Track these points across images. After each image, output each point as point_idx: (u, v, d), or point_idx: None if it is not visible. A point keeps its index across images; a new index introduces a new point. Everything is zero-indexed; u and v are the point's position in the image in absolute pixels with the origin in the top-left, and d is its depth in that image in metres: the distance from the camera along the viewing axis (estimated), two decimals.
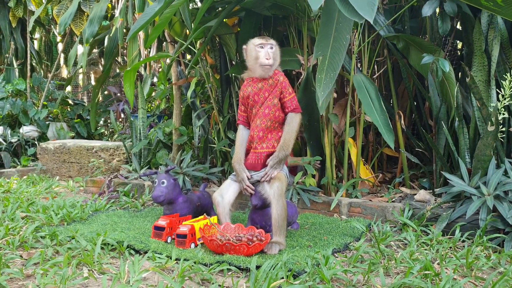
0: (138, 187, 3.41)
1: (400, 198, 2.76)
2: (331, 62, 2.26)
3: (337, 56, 2.26)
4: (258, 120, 2.20)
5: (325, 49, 2.28)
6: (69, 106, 6.24)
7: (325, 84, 2.20)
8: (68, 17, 4.26)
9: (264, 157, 2.17)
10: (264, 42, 2.19)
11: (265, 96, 2.19)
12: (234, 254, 1.84)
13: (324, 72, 2.23)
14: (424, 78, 2.95)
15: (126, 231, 2.18)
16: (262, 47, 2.18)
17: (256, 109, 2.21)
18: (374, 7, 1.93)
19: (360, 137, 2.90)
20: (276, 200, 2.04)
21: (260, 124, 2.19)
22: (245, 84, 2.28)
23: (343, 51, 2.28)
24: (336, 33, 2.31)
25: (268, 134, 2.19)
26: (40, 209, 2.62)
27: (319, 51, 2.29)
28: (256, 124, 2.20)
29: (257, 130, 2.19)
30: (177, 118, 3.81)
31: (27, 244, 1.95)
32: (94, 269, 1.66)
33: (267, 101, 2.18)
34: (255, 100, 2.21)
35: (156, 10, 2.51)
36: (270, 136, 2.19)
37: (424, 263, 1.64)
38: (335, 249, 1.99)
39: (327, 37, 2.30)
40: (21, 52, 6.36)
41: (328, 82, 2.21)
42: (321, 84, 2.21)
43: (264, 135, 2.19)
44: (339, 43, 2.28)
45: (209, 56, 3.60)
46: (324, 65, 2.26)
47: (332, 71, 2.24)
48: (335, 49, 2.27)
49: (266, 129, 2.19)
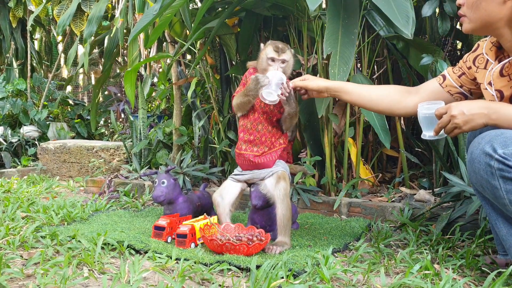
0: (138, 187, 3.41)
1: (399, 198, 2.77)
2: (342, 56, 2.25)
3: (347, 51, 2.26)
4: (260, 125, 2.14)
5: (334, 45, 2.28)
6: (70, 106, 6.25)
7: (339, 79, 2.20)
8: (67, 17, 4.27)
9: (264, 156, 2.15)
10: (276, 57, 2.07)
11: None
12: (234, 254, 1.85)
13: (337, 66, 2.23)
14: (424, 78, 2.95)
15: (126, 231, 2.18)
16: (273, 60, 2.09)
17: (258, 113, 2.15)
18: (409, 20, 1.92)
19: (360, 137, 2.90)
20: (281, 200, 2.04)
21: (262, 129, 2.14)
22: (251, 72, 2.19)
23: (353, 45, 2.28)
24: (343, 29, 2.31)
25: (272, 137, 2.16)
26: (40, 209, 2.63)
27: (328, 47, 2.28)
28: (257, 129, 2.14)
29: (259, 135, 2.14)
30: (177, 118, 3.81)
31: (27, 244, 1.95)
32: (94, 269, 1.67)
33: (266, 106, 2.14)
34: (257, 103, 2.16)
35: (156, 12, 2.51)
36: (273, 139, 2.15)
37: (424, 263, 1.64)
38: (335, 249, 1.99)
39: (335, 33, 2.29)
40: (21, 52, 6.36)
41: (343, 76, 2.21)
42: (336, 78, 2.20)
43: (266, 139, 2.14)
44: (347, 38, 2.28)
45: (209, 56, 3.61)
46: (336, 60, 2.25)
47: (344, 64, 2.23)
48: (345, 44, 2.27)
49: (268, 134, 2.14)
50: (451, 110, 1.47)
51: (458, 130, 1.48)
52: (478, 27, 1.53)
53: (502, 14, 1.46)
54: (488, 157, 1.35)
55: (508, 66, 1.56)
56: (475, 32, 1.56)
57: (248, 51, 3.19)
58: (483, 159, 1.37)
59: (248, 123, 2.16)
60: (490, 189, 1.39)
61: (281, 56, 2.08)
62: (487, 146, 1.36)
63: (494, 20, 1.48)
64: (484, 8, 1.48)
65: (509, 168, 1.32)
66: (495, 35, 1.55)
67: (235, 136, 3.39)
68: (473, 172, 1.43)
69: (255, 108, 2.15)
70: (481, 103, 1.46)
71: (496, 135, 1.37)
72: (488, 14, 1.48)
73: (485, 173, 1.38)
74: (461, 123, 1.46)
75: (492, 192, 1.39)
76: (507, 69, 1.56)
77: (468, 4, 1.53)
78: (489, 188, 1.39)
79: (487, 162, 1.36)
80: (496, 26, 1.50)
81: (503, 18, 1.47)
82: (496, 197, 1.39)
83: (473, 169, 1.42)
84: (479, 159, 1.38)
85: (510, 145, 1.33)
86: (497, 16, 1.47)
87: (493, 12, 1.47)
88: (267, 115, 2.14)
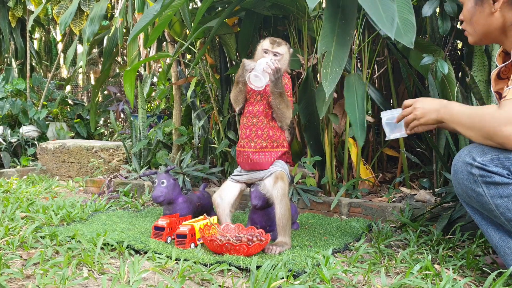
0: (138, 187, 3.41)
1: (400, 198, 2.76)
2: (336, 57, 2.24)
3: (341, 52, 2.25)
4: (254, 118, 2.14)
5: (329, 45, 2.28)
6: (69, 106, 6.24)
7: (331, 79, 2.19)
8: (68, 16, 4.26)
9: (263, 154, 2.14)
10: (269, 49, 2.12)
11: None
12: (234, 254, 1.84)
13: (330, 67, 2.22)
14: (424, 78, 2.94)
15: (126, 231, 2.18)
16: (266, 52, 2.12)
17: (253, 105, 2.16)
18: (394, 23, 1.93)
19: None
20: (280, 200, 2.03)
21: (257, 122, 2.14)
22: None
23: (348, 46, 2.28)
24: (340, 29, 2.30)
25: (270, 132, 2.14)
26: (40, 209, 2.62)
27: (323, 47, 2.28)
28: (252, 123, 2.15)
29: (254, 129, 2.14)
30: (177, 118, 3.81)
31: (26, 244, 1.94)
32: (94, 269, 1.66)
33: (263, 99, 2.15)
34: (252, 96, 2.17)
35: (156, 11, 2.50)
36: (271, 133, 2.14)
37: (425, 263, 1.64)
38: (335, 249, 1.99)
39: (331, 34, 2.29)
40: (21, 52, 6.34)
41: (334, 76, 2.20)
42: (327, 79, 2.20)
43: (263, 133, 2.14)
44: (343, 39, 2.28)
45: (209, 56, 3.60)
46: (329, 60, 2.25)
47: (337, 65, 2.23)
48: (339, 44, 2.26)
49: (264, 127, 2.14)
50: (416, 103, 1.59)
51: (416, 122, 1.62)
52: (479, 38, 1.63)
53: (494, 24, 1.55)
54: (469, 166, 1.43)
55: (505, 69, 1.61)
56: (479, 43, 1.66)
57: (248, 50, 3.18)
58: (465, 168, 1.44)
59: (244, 118, 2.18)
60: (475, 197, 1.45)
61: (275, 48, 2.12)
62: (467, 157, 1.44)
63: (489, 30, 1.57)
64: (477, 22, 1.59)
65: (490, 173, 1.39)
66: (497, 42, 1.62)
67: (235, 136, 3.38)
68: (457, 184, 1.49)
69: (250, 102, 2.16)
70: (441, 101, 1.57)
71: (475, 146, 1.45)
72: (482, 26, 1.58)
73: (468, 182, 1.45)
74: (419, 115, 1.60)
75: (478, 199, 1.45)
76: (505, 72, 1.61)
77: (466, 20, 1.64)
78: (475, 196, 1.45)
79: (468, 170, 1.43)
80: (494, 35, 1.59)
81: (496, 28, 1.56)
82: (483, 203, 1.44)
83: (457, 180, 1.48)
84: (461, 170, 1.46)
85: (488, 153, 1.41)
86: (491, 27, 1.57)
87: (486, 24, 1.57)
88: (263, 107, 2.14)
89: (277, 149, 2.16)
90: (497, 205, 1.42)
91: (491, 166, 1.40)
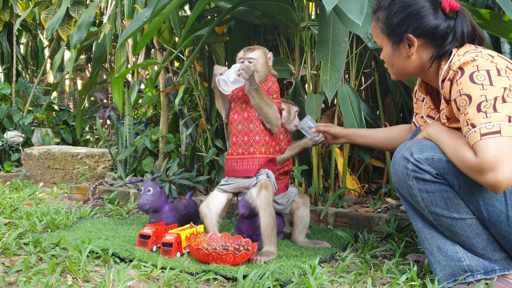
0: (123, 195, 3.38)
1: (385, 208, 2.78)
2: (334, 64, 2.33)
3: (338, 58, 2.34)
4: (239, 125, 2.15)
5: (325, 52, 2.35)
6: (55, 112, 6.18)
7: (331, 85, 2.27)
8: (56, 21, 4.24)
9: (251, 162, 2.14)
10: (242, 56, 2.16)
11: None
12: (220, 263, 1.83)
13: (329, 73, 2.29)
14: (410, 90, 2.98)
15: (111, 239, 2.16)
16: (243, 61, 2.15)
17: (238, 113, 2.17)
18: (363, 11, 1.98)
19: (347, 148, 2.91)
20: (264, 209, 2.03)
21: (243, 128, 2.15)
22: None
23: (344, 53, 2.37)
24: (334, 37, 2.39)
25: (256, 136, 2.14)
26: (23, 216, 2.58)
27: (320, 55, 2.34)
28: (238, 129, 2.16)
29: (241, 135, 2.15)
30: (164, 125, 3.80)
31: (9, 251, 1.91)
32: (78, 277, 1.64)
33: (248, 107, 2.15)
34: (238, 104, 2.18)
35: (146, 18, 2.51)
36: (258, 138, 2.14)
37: (410, 274, 1.65)
38: (322, 259, 1.99)
39: (326, 41, 2.37)
40: (7, 57, 6.29)
41: (334, 82, 2.28)
42: (328, 85, 2.28)
43: (249, 138, 2.14)
44: (338, 46, 2.37)
45: (197, 64, 3.60)
46: (327, 67, 2.32)
47: (336, 72, 2.31)
48: (336, 51, 2.35)
49: (250, 132, 2.14)
50: (426, 129, 1.67)
51: None
52: (401, 76, 1.78)
53: (412, 65, 1.70)
54: (405, 161, 1.56)
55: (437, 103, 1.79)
56: (401, 79, 1.82)
57: None
58: (402, 162, 1.58)
59: (231, 126, 2.20)
60: (406, 188, 1.60)
61: (247, 55, 2.16)
62: (406, 152, 1.57)
63: (409, 70, 1.73)
64: (397, 64, 1.74)
65: (421, 171, 1.53)
66: (417, 76, 1.79)
67: (223, 144, 3.38)
68: (394, 174, 1.63)
69: (235, 110, 2.18)
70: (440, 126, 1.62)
71: (416, 143, 1.59)
72: (401, 67, 1.73)
73: (402, 174, 1.58)
74: None
75: (408, 190, 1.59)
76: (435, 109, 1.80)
77: (386, 63, 1.79)
78: (406, 187, 1.60)
79: (404, 164, 1.57)
80: (414, 73, 1.74)
81: (414, 68, 1.71)
82: (411, 195, 1.59)
83: (394, 171, 1.62)
84: (398, 162, 1.59)
85: (425, 151, 1.54)
86: (410, 67, 1.71)
87: (405, 66, 1.72)
88: (248, 114, 2.15)
89: (265, 154, 2.15)
90: (423, 198, 1.56)
91: (424, 164, 1.53)
